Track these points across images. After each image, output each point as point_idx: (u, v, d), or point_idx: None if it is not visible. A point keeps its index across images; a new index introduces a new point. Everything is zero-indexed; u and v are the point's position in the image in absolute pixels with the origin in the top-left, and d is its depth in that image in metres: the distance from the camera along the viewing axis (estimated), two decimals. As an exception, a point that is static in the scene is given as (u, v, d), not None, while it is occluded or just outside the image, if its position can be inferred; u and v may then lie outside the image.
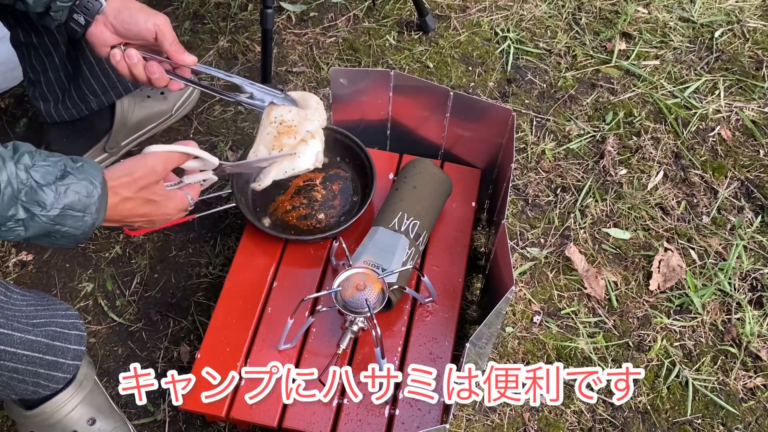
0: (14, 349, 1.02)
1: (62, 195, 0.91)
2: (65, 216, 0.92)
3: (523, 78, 1.90)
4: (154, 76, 1.22)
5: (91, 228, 0.96)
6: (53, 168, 0.91)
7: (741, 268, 1.56)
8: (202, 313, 1.51)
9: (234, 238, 1.61)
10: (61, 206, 0.91)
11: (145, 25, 1.18)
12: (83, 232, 0.96)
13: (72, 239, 0.96)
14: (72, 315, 1.15)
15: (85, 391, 1.25)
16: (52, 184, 0.90)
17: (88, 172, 0.95)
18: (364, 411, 1.20)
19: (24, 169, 0.88)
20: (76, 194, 0.92)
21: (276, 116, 1.29)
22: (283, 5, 2.05)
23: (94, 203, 0.95)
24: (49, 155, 0.93)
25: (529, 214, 1.65)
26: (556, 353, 1.44)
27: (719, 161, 1.73)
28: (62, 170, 0.92)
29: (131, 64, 1.21)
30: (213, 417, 1.30)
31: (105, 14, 1.18)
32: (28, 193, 0.88)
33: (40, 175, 0.90)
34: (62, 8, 1.17)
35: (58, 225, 0.92)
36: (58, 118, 1.57)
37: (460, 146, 1.52)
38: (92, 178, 0.95)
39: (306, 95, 1.33)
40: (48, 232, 0.92)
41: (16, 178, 0.87)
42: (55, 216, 0.91)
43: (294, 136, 1.27)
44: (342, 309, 1.19)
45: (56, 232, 0.93)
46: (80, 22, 1.19)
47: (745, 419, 1.38)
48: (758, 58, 1.92)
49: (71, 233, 0.94)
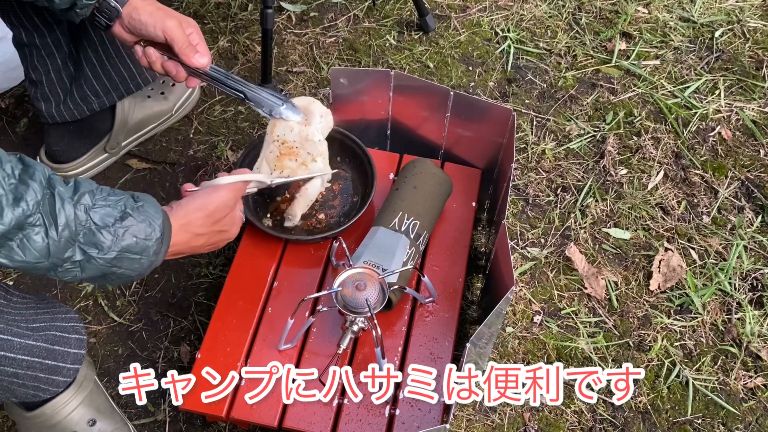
0: (14, 354, 1.01)
1: (120, 238, 0.91)
2: (122, 259, 0.92)
3: (523, 78, 1.90)
4: (172, 73, 1.26)
5: (147, 269, 0.97)
6: (113, 209, 0.91)
7: (741, 268, 1.56)
8: (202, 313, 1.51)
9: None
10: (118, 249, 0.91)
11: (153, 31, 1.21)
12: (139, 273, 0.96)
13: (127, 280, 0.96)
14: (72, 318, 1.14)
15: (86, 392, 1.25)
16: (111, 226, 0.90)
17: (148, 214, 0.94)
18: (364, 411, 1.20)
19: (84, 210, 0.88)
20: (134, 238, 0.92)
21: (279, 135, 1.31)
22: (283, 5, 2.05)
23: (152, 246, 0.95)
24: (110, 194, 0.92)
25: (529, 214, 1.65)
26: (556, 353, 1.44)
27: (719, 161, 1.73)
28: (122, 211, 0.92)
29: (151, 62, 1.25)
30: (213, 417, 1.30)
31: (121, 18, 1.22)
32: (86, 236, 0.88)
33: (99, 216, 0.89)
34: (87, 5, 1.19)
35: (115, 267, 0.92)
36: (60, 118, 1.58)
37: (461, 146, 1.52)
38: (152, 219, 0.94)
39: (309, 104, 1.33)
40: (104, 273, 0.92)
41: (75, 219, 0.87)
42: (112, 259, 0.91)
43: (295, 159, 1.30)
44: (342, 309, 1.19)
45: (112, 274, 0.93)
46: (102, 24, 1.23)
47: (746, 419, 1.38)
48: (758, 58, 1.92)
49: (127, 275, 0.95)
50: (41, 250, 0.84)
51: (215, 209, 1.08)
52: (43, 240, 0.84)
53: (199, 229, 1.06)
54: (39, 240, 0.84)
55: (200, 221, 1.06)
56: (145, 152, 1.76)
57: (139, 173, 1.72)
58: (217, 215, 1.08)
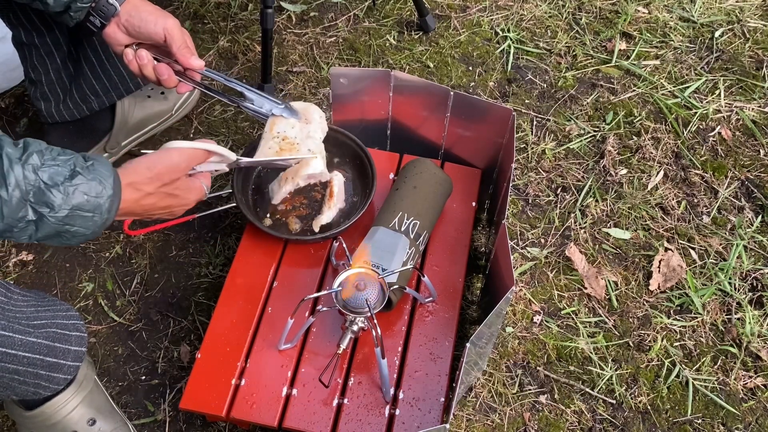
0: (15, 351, 1.02)
1: (70, 196, 0.91)
2: (74, 216, 0.92)
3: (523, 78, 1.90)
4: (162, 78, 1.25)
5: (101, 227, 0.97)
6: (62, 168, 0.91)
7: (741, 267, 1.56)
8: (202, 313, 1.51)
9: (234, 238, 1.61)
10: (69, 207, 0.91)
11: (154, 28, 1.21)
12: (93, 231, 0.96)
13: (82, 238, 0.96)
14: (73, 316, 1.15)
15: (85, 391, 1.25)
16: (61, 185, 0.90)
17: (98, 172, 0.95)
18: (364, 411, 1.20)
19: (32, 170, 0.88)
20: (84, 195, 0.92)
21: (279, 131, 1.31)
22: (283, 5, 2.05)
23: (104, 203, 0.95)
24: (60, 153, 0.93)
25: (529, 214, 1.65)
26: (556, 353, 1.45)
27: (719, 161, 1.73)
28: (71, 170, 0.92)
29: (141, 65, 1.24)
30: (213, 417, 1.30)
31: (118, 16, 1.21)
32: (36, 194, 0.89)
33: (48, 175, 0.90)
34: (81, 9, 1.19)
35: (68, 225, 0.93)
36: (59, 118, 1.57)
37: (461, 146, 1.52)
38: (102, 178, 0.95)
39: (309, 107, 1.34)
40: (58, 232, 0.93)
41: (24, 179, 0.87)
42: (64, 217, 0.91)
43: (296, 154, 1.30)
44: (342, 309, 1.19)
45: (66, 232, 0.94)
46: (96, 24, 1.22)
47: (746, 419, 1.38)
48: (758, 58, 1.92)
49: (81, 233, 0.95)
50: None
51: (164, 170, 1.06)
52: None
53: (147, 188, 1.04)
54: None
55: (147, 180, 1.04)
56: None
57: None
58: (166, 177, 1.06)
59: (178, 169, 1.08)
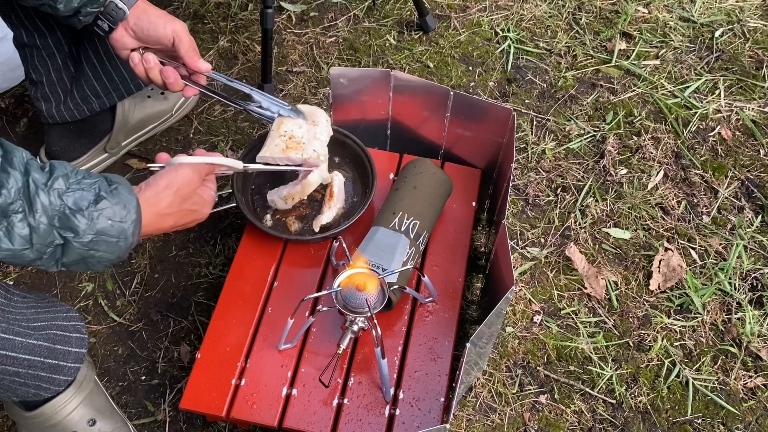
0: (15, 353, 1.02)
1: (95, 221, 0.91)
2: (99, 242, 0.93)
3: (523, 78, 1.90)
4: (168, 81, 1.26)
5: (125, 252, 0.97)
6: (87, 192, 0.92)
7: (741, 267, 1.56)
8: (202, 313, 1.51)
9: (234, 238, 1.61)
10: (93, 232, 0.92)
11: (163, 30, 1.22)
12: (118, 256, 0.96)
13: (108, 263, 0.96)
14: (73, 317, 1.14)
15: (86, 392, 1.25)
16: (85, 209, 0.91)
17: (122, 197, 0.95)
18: (364, 411, 1.20)
19: (57, 195, 0.89)
20: (109, 220, 0.93)
21: (286, 130, 1.31)
22: (283, 5, 2.05)
23: (128, 228, 0.95)
24: (84, 177, 0.93)
25: (529, 213, 1.65)
26: (556, 353, 1.45)
27: (719, 161, 1.73)
28: (96, 194, 0.92)
29: (148, 68, 1.25)
30: (213, 417, 1.30)
31: (126, 20, 1.22)
32: (61, 219, 0.89)
33: (72, 200, 0.90)
34: (91, 13, 1.20)
35: (92, 250, 0.93)
36: (60, 118, 1.57)
37: (461, 146, 1.52)
38: (126, 202, 0.95)
39: (315, 111, 1.36)
40: (83, 257, 0.93)
41: (50, 205, 0.88)
42: (89, 242, 0.92)
43: (301, 153, 1.30)
44: (342, 309, 1.19)
45: (91, 258, 0.94)
46: (104, 28, 1.23)
47: (746, 419, 1.38)
48: (758, 58, 1.92)
49: (106, 258, 0.95)
50: (26, 237, 0.86)
51: (180, 187, 1.07)
52: (26, 227, 0.86)
53: (167, 209, 1.06)
54: (23, 227, 0.86)
55: (169, 200, 1.06)
56: (145, 152, 1.76)
57: (139, 173, 1.72)
58: (184, 192, 1.08)
59: (192, 183, 1.10)
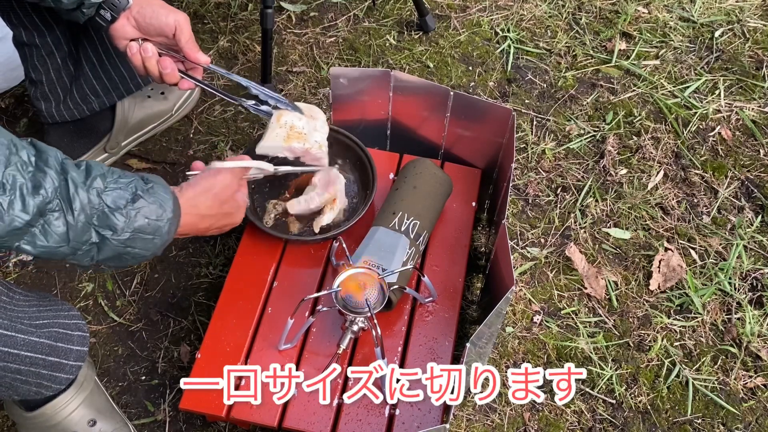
0: (18, 350, 1.02)
1: (132, 219, 0.94)
2: (135, 239, 0.95)
3: (523, 78, 1.90)
4: (165, 71, 1.25)
5: (160, 249, 1.00)
6: (124, 191, 0.94)
7: (741, 267, 1.56)
8: (202, 313, 1.51)
9: (234, 238, 1.61)
10: (131, 230, 0.94)
11: (165, 20, 1.23)
12: (152, 252, 0.99)
13: (141, 259, 0.99)
14: (74, 316, 1.15)
15: (86, 392, 1.25)
16: (123, 208, 0.93)
17: (158, 195, 0.98)
18: (364, 411, 1.20)
19: (96, 194, 0.91)
20: (146, 219, 0.95)
21: (286, 121, 1.31)
22: (283, 5, 2.05)
23: (164, 226, 0.98)
24: (121, 176, 0.95)
25: (529, 213, 1.65)
26: (556, 353, 1.44)
27: (719, 161, 1.73)
28: (133, 193, 0.95)
29: (146, 57, 1.25)
30: (213, 417, 1.30)
31: (129, 9, 1.23)
32: (100, 218, 0.91)
33: (111, 199, 0.92)
34: (94, 4, 1.20)
35: (129, 247, 0.95)
36: (59, 118, 1.57)
37: (461, 146, 1.52)
38: (162, 201, 0.98)
39: (313, 109, 1.35)
40: (119, 254, 0.95)
41: (88, 203, 0.90)
42: (126, 239, 0.94)
43: (303, 143, 1.30)
44: (342, 309, 1.19)
45: (126, 254, 0.96)
46: (106, 18, 1.23)
47: (746, 419, 1.38)
48: (758, 58, 1.92)
49: (141, 254, 0.98)
50: (62, 234, 0.88)
51: (220, 190, 1.12)
52: (63, 225, 0.88)
53: (206, 211, 1.10)
54: (59, 225, 0.88)
55: (208, 202, 1.10)
56: (145, 152, 1.76)
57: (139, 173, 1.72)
58: (223, 195, 1.12)
59: (231, 187, 1.14)
